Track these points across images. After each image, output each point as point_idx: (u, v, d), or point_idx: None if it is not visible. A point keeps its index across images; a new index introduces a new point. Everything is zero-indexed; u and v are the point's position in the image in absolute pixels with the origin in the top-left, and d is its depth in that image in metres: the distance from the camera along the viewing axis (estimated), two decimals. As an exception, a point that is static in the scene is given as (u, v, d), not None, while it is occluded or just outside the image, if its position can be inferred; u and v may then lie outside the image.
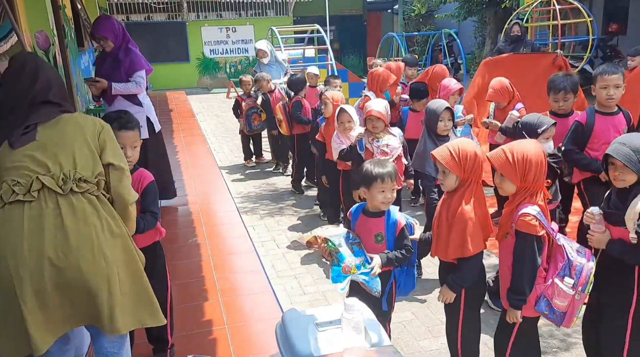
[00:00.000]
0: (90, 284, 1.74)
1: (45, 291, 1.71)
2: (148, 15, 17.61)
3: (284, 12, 18.72)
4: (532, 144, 2.30)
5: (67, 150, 1.82)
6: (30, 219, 1.72)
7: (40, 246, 1.70)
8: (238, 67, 18.23)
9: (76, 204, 1.75)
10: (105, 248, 1.77)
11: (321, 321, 1.97)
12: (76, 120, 1.94)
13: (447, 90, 4.58)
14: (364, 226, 2.49)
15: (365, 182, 2.46)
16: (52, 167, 1.77)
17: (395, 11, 21.97)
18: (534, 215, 2.15)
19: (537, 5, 9.95)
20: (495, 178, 2.37)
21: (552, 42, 9.72)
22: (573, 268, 2.19)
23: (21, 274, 1.68)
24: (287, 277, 4.01)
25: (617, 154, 2.17)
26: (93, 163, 1.85)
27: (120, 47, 4.38)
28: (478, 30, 16.20)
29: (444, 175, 2.37)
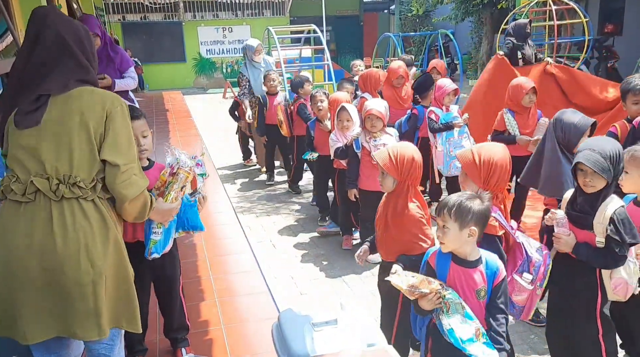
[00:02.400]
0: (73, 289, 1.74)
1: (35, 290, 1.73)
2: (144, 15, 17.58)
3: (280, 12, 18.73)
4: (500, 149, 2.34)
5: (67, 146, 1.78)
6: (23, 221, 1.73)
7: (30, 248, 1.71)
8: (234, 67, 18.22)
9: (67, 210, 1.73)
10: (94, 254, 1.75)
11: (317, 321, 1.97)
12: (85, 101, 1.82)
13: (442, 91, 4.59)
14: (460, 278, 1.97)
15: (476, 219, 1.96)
16: (48, 168, 1.75)
17: (391, 11, 22.00)
18: (495, 216, 2.21)
19: (533, 6, 9.98)
20: (460, 176, 2.43)
21: (549, 43, 9.75)
22: (532, 264, 2.26)
23: (13, 270, 1.72)
24: (283, 277, 4.01)
25: (588, 162, 2.19)
26: (92, 160, 1.80)
27: (105, 44, 4.33)
28: (474, 31, 16.24)
29: (383, 177, 2.50)
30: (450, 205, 1.94)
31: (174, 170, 2.27)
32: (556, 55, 9.76)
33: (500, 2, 12.89)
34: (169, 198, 2.22)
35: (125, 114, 1.89)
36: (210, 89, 17.28)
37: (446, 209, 1.94)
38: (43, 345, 1.91)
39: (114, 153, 1.81)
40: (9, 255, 1.73)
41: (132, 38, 17.19)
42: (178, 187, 2.26)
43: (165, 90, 15.79)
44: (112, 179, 1.80)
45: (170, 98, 14.00)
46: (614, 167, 2.16)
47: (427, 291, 1.87)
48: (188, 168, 2.28)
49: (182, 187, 2.27)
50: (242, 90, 6.61)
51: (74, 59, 1.88)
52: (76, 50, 1.89)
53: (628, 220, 2.16)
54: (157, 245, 2.34)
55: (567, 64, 10.05)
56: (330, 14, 17.58)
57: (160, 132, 9.08)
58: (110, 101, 1.86)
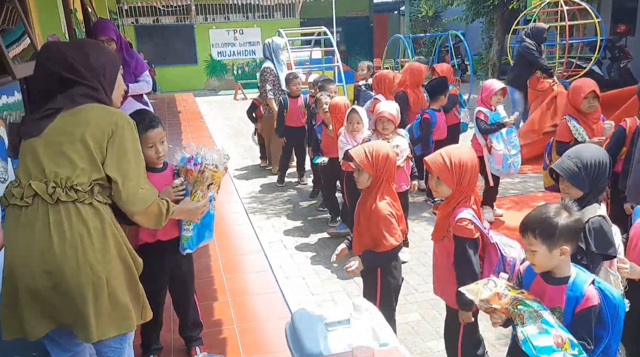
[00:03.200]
0: (74, 291, 1.77)
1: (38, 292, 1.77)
2: (157, 18, 17.73)
3: (291, 14, 18.78)
4: (467, 149, 2.39)
5: (67, 152, 1.81)
6: (22, 224, 1.77)
7: (31, 252, 1.75)
8: (245, 69, 18.30)
9: (64, 213, 1.76)
10: (92, 256, 1.77)
11: (330, 321, 2.00)
12: (91, 114, 1.86)
13: (489, 91, 4.49)
14: (540, 293, 1.84)
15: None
16: (48, 172, 1.78)
17: (401, 12, 21.97)
18: (470, 219, 2.23)
19: (544, 7, 9.93)
20: (430, 181, 2.44)
21: (560, 43, 9.69)
22: (507, 263, 2.28)
23: (17, 274, 1.77)
24: (294, 277, 4.04)
25: (559, 168, 2.21)
26: (91, 169, 1.82)
27: (121, 49, 4.39)
28: (485, 32, 16.17)
29: (358, 173, 2.56)
30: (533, 224, 1.75)
31: (200, 167, 2.33)
32: (568, 56, 9.70)
33: (511, 3, 12.83)
34: (196, 197, 2.30)
35: (132, 131, 1.91)
36: (221, 91, 17.37)
37: (529, 230, 1.75)
38: (58, 345, 1.97)
39: (117, 170, 1.83)
40: (13, 259, 1.77)
41: (144, 41, 17.34)
42: (205, 186, 2.32)
43: (177, 92, 15.92)
44: (118, 195, 1.84)
45: (182, 100, 14.11)
46: (591, 177, 2.15)
47: (497, 307, 1.74)
48: (213, 166, 2.34)
49: (208, 185, 2.34)
50: (269, 86, 6.46)
51: (82, 85, 1.91)
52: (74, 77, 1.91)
53: (602, 231, 2.13)
54: (189, 241, 2.45)
55: (580, 65, 10.02)
56: (340, 15, 17.62)
57: (172, 134, 9.16)
58: (116, 119, 1.88)
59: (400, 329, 3.11)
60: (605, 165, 2.19)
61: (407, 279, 3.75)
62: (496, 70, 15.60)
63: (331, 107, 4.52)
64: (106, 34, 4.29)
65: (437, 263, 2.49)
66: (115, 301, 1.84)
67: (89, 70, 1.93)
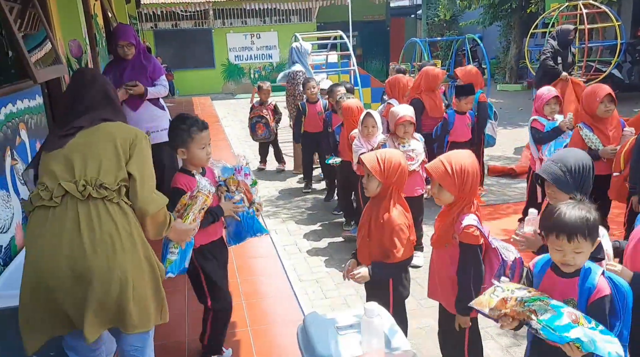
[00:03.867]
0: (102, 290, 1.81)
1: (64, 290, 1.81)
2: (175, 22, 17.96)
3: (307, 18, 18.86)
4: (468, 155, 2.35)
5: (94, 155, 1.90)
6: (51, 223, 1.81)
7: (59, 250, 1.79)
8: (262, 73, 18.42)
9: (93, 210, 1.82)
10: (120, 254, 1.82)
11: (342, 325, 2.01)
12: (111, 128, 2.01)
13: (541, 100, 4.22)
14: (552, 287, 1.85)
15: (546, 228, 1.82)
16: (77, 172, 1.85)
17: (418, 16, 21.91)
18: (476, 225, 2.23)
19: (563, 10, 9.83)
20: (432, 188, 2.42)
21: (579, 47, 9.59)
22: (508, 267, 2.28)
23: (44, 274, 1.81)
24: (308, 281, 4.05)
25: (545, 173, 2.20)
26: (117, 168, 1.90)
27: (139, 53, 4.46)
28: (503, 35, 16.05)
29: (368, 179, 2.50)
30: (580, 227, 1.71)
31: (192, 193, 2.40)
32: (587, 59, 9.59)
33: (529, 6, 12.73)
34: (187, 220, 2.32)
35: (149, 146, 2.08)
36: (238, 95, 17.50)
37: (579, 233, 1.70)
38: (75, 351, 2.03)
39: (138, 170, 1.95)
40: (40, 258, 1.81)
41: (163, 45, 17.56)
42: (197, 210, 2.36)
43: (194, 96, 16.08)
44: (135, 193, 1.90)
45: (199, 103, 14.25)
46: (576, 180, 2.16)
47: (507, 311, 1.73)
48: (207, 191, 2.41)
49: (200, 209, 2.38)
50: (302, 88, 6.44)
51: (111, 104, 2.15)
52: (113, 96, 2.19)
53: None
54: (172, 265, 2.42)
55: (599, 68, 9.89)
56: (356, 20, 17.61)
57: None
58: (136, 132, 2.06)
59: (413, 334, 3.11)
60: (589, 168, 2.21)
61: (421, 283, 3.73)
62: (514, 74, 15.48)
63: (344, 110, 4.51)
64: (126, 38, 4.35)
65: (437, 269, 2.48)
66: (140, 300, 1.89)
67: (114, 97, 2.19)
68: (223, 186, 2.66)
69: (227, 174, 2.66)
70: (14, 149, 3.29)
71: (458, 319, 2.38)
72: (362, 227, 2.59)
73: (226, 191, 2.64)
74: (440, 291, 2.47)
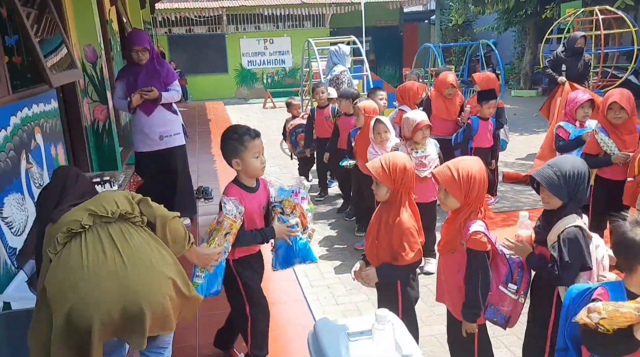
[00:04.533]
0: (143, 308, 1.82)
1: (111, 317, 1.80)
2: (189, 28, 18.14)
3: (320, 23, 18.93)
4: (476, 162, 2.34)
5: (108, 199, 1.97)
6: (87, 244, 1.84)
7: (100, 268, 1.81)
8: (275, 78, 18.51)
9: (125, 230, 1.90)
10: (158, 266, 1.89)
11: (353, 331, 1.99)
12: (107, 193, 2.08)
13: (574, 103, 4.10)
14: None
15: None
16: (97, 209, 1.92)
17: (432, 22, 21.87)
18: (483, 232, 2.22)
19: (579, 15, 9.75)
20: (438, 193, 2.41)
21: (595, 53, 9.49)
22: (515, 273, 2.27)
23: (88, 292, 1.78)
24: (320, 286, 4.04)
25: (539, 176, 2.18)
26: (131, 206, 1.99)
27: (152, 58, 4.48)
28: (517, 41, 15.96)
29: (377, 186, 2.49)
30: None
31: (219, 217, 2.39)
32: (603, 65, 9.49)
33: (544, 12, 12.64)
34: (212, 244, 2.33)
35: None
36: (250, 99, 17.59)
37: None
38: None
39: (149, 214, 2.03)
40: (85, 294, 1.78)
41: (177, 50, 17.74)
42: (222, 234, 2.36)
43: (207, 101, 16.19)
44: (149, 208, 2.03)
45: (212, 108, 14.35)
46: (570, 186, 2.13)
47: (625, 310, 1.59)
48: (233, 216, 2.37)
49: (225, 233, 2.36)
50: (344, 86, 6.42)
51: None
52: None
53: (577, 242, 2.10)
54: (198, 288, 2.41)
55: (615, 74, 9.78)
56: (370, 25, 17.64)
57: (202, 142, 9.32)
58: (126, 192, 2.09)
59: (425, 341, 3.07)
60: (585, 175, 2.17)
61: (434, 290, 3.69)
62: (528, 80, 15.36)
63: (362, 109, 4.42)
64: (140, 43, 4.38)
65: (444, 275, 2.48)
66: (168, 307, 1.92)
67: None
68: (278, 207, 2.58)
69: (283, 195, 2.58)
70: (29, 153, 3.33)
71: (464, 325, 2.36)
72: (371, 230, 2.59)
73: (280, 213, 2.57)
74: (448, 297, 2.47)
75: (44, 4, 4.02)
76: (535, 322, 2.41)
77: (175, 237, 2.06)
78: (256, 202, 2.56)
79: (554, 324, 2.27)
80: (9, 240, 2.89)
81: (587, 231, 2.18)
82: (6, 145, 2.99)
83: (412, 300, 2.63)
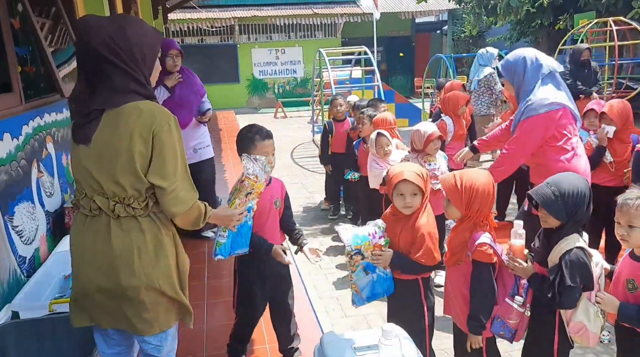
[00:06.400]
0: (129, 293, 1.86)
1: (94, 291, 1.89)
2: (201, 38, 18.31)
3: (332, 33, 19.01)
4: (484, 175, 2.30)
5: (118, 172, 1.82)
6: (88, 231, 1.89)
7: (94, 256, 1.87)
8: (286, 88, 18.59)
9: (124, 225, 1.85)
10: (146, 262, 1.87)
11: (359, 346, 1.96)
12: (132, 123, 1.80)
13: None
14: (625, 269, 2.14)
15: None
16: (106, 189, 1.84)
17: (444, 32, 21.86)
18: (489, 243, 2.20)
19: (592, 26, 9.68)
20: (444, 202, 2.39)
21: (609, 64, 9.40)
22: (521, 286, 2.23)
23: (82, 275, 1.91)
24: (328, 298, 4.00)
25: (536, 195, 2.14)
26: (139, 182, 1.85)
27: (182, 70, 4.25)
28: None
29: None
30: (636, 201, 1.90)
31: (241, 176, 2.35)
32: (617, 77, 9.39)
33: (557, 22, 12.57)
34: (233, 205, 2.30)
35: (173, 130, 1.85)
36: (262, 109, 17.67)
37: (633, 205, 1.91)
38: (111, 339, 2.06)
39: (159, 177, 1.83)
40: (81, 260, 1.90)
41: (189, 60, 17.77)
42: (243, 195, 2.33)
43: (219, 110, 16.27)
44: (160, 199, 1.87)
45: (223, 117, 14.42)
46: (568, 206, 2.08)
47: None
48: (254, 176, 2.33)
49: (246, 193, 2.33)
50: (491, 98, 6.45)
51: (122, 72, 1.82)
52: (114, 59, 1.80)
53: (579, 263, 2.06)
54: (221, 247, 2.42)
55: (630, 86, 9.67)
56: (381, 35, 17.66)
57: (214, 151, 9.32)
58: (158, 120, 1.81)
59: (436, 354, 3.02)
60: (584, 195, 2.10)
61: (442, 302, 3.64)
62: (541, 91, 15.20)
63: (376, 121, 4.37)
64: (175, 46, 4.19)
65: (451, 287, 2.46)
66: (159, 303, 1.93)
67: (128, 54, 1.82)
68: (358, 255, 2.45)
69: (360, 242, 2.44)
70: (40, 161, 3.36)
71: (470, 338, 2.33)
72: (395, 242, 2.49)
73: (361, 259, 2.46)
74: (454, 309, 2.44)
75: (58, 14, 4.07)
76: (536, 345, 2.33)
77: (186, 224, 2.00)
78: (267, 195, 2.59)
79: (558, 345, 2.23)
80: (19, 248, 2.91)
81: (589, 250, 2.14)
82: (18, 155, 3.01)
83: (432, 304, 2.59)
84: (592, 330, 2.08)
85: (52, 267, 3.04)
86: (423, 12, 19.43)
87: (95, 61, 1.80)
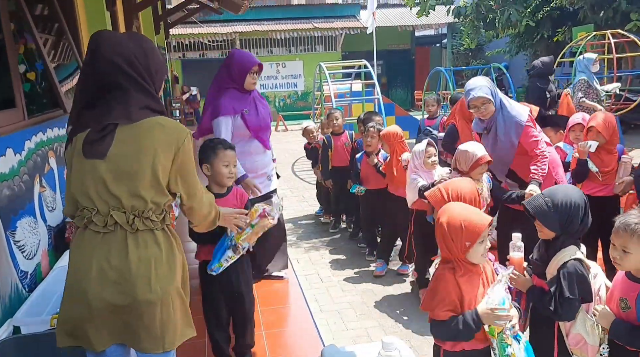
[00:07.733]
0: (144, 308, 1.82)
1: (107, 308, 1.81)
2: (202, 52, 18.45)
3: (332, 47, 19.16)
4: (467, 183, 2.34)
5: (138, 182, 1.82)
6: (101, 248, 1.82)
7: (105, 272, 1.80)
8: (287, 101, 18.68)
9: (141, 239, 1.84)
10: (162, 276, 1.85)
11: (360, 359, 1.96)
12: (157, 139, 1.82)
13: (567, 126, 4.27)
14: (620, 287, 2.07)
15: None
16: (125, 203, 1.81)
17: (443, 45, 22.01)
18: None
19: (590, 39, 9.75)
20: (434, 214, 2.42)
21: (608, 76, 9.44)
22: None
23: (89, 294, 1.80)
24: (329, 311, 3.99)
25: (530, 205, 2.15)
26: (162, 197, 1.87)
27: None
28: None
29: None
30: (633, 226, 1.88)
31: (265, 213, 2.48)
32: (616, 89, 9.42)
33: (555, 36, 12.67)
34: (242, 236, 2.47)
35: (191, 146, 1.94)
36: (263, 122, 17.72)
37: (629, 230, 1.89)
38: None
39: (183, 187, 1.93)
40: (86, 279, 1.80)
41: (191, 74, 18.02)
42: (254, 232, 2.49)
43: (220, 124, 16.31)
44: (187, 205, 1.98)
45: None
46: (562, 217, 2.09)
47: None
48: (272, 218, 2.51)
49: (257, 232, 2.50)
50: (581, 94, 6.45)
51: (133, 84, 1.83)
52: (133, 74, 1.82)
53: (577, 275, 2.06)
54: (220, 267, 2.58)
55: (629, 97, 9.71)
56: (381, 49, 17.78)
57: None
58: (180, 136, 1.87)
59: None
60: (578, 207, 2.10)
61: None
62: (541, 103, 15.28)
63: (386, 135, 4.33)
64: (257, 60, 3.84)
65: None
66: (170, 319, 1.90)
67: (146, 69, 1.86)
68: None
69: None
70: (42, 177, 3.38)
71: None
72: None
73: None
74: None
75: (60, 30, 4.12)
76: None
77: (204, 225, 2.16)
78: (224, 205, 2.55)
79: None
80: (21, 263, 2.92)
81: (587, 261, 2.14)
82: (20, 170, 3.03)
83: None
84: (591, 343, 2.08)
85: (53, 282, 3.04)
86: (423, 26, 19.60)
87: (112, 75, 1.80)
